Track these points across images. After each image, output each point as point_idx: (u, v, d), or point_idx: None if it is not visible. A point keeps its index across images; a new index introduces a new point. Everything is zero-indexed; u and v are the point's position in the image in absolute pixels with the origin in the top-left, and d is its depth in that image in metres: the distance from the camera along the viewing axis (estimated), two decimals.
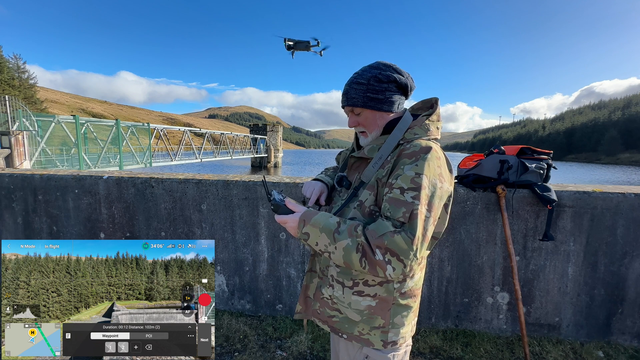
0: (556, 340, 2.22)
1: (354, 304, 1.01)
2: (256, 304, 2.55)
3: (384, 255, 0.85)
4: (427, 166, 0.90)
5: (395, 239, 0.84)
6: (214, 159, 37.24)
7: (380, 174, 0.97)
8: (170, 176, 2.56)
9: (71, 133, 18.51)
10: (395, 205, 0.88)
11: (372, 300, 1.00)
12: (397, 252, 0.84)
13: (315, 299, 1.12)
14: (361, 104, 1.01)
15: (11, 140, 14.80)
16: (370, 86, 1.00)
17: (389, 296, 1.00)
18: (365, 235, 0.89)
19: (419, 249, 0.85)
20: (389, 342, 1.01)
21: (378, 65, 1.02)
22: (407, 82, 1.03)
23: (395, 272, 0.86)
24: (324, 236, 0.93)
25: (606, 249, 2.12)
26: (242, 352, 2.13)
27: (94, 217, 2.64)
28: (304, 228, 0.97)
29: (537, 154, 2.11)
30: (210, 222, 2.48)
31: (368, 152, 1.04)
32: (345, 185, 1.09)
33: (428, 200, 0.88)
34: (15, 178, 2.74)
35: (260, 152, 51.72)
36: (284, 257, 2.45)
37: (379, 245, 0.86)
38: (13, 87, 45.40)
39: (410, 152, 0.94)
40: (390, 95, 1.01)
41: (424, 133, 1.00)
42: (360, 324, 1.02)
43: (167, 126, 29.45)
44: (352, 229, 0.91)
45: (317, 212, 0.99)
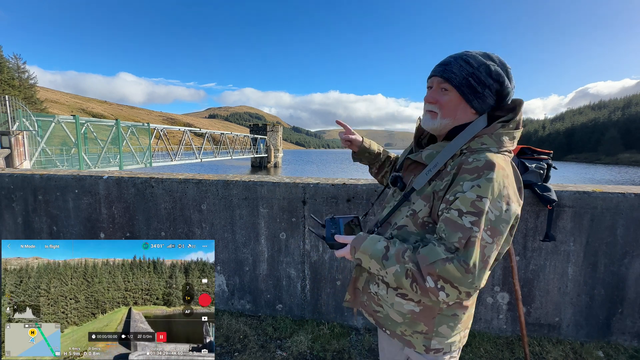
0: (556, 340, 2.22)
1: (397, 305, 0.99)
2: (256, 304, 2.55)
3: (436, 282, 0.81)
4: (490, 188, 0.81)
5: (448, 267, 0.79)
6: (214, 159, 37.25)
7: (437, 186, 0.90)
8: (170, 176, 2.56)
9: (71, 133, 18.51)
10: (452, 229, 0.82)
11: (416, 305, 0.96)
12: (450, 280, 0.80)
13: (364, 292, 1.11)
14: (457, 83, 0.91)
15: (11, 140, 14.80)
16: (477, 72, 0.89)
17: (434, 305, 0.95)
18: (414, 261, 0.85)
19: (475, 276, 0.80)
20: (432, 349, 0.97)
21: (494, 58, 0.92)
22: (509, 93, 0.93)
23: (449, 298, 0.82)
24: (374, 262, 0.91)
25: (606, 249, 2.12)
26: (242, 352, 2.13)
27: (94, 217, 2.64)
28: (355, 254, 0.96)
29: (537, 154, 2.11)
30: (210, 222, 2.48)
31: (425, 157, 0.96)
32: (399, 186, 1.04)
33: (490, 226, 0.81)
34: (15, 178, 2.74)
35: (260, 152, 51.73)
36: (284, 257, 2.45)
37: (431, 272, 0.81)
38: (13, 87, 45.41)
39: (472, 167, 0.84)
40: (488, 94, 0.91)
41: (493, 144, 0.89)
42: (402, 324, 0.99)
43: (167, 126, 29.46)
44: (399, 254, 0.87)
45: (366, 237, 0.96)
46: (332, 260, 2.38)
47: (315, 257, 2.40)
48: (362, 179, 2.44)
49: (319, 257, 2.40)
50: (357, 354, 2.14)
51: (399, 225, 0.98)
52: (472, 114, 0.94)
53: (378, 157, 1.33)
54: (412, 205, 0.96)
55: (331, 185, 2.31)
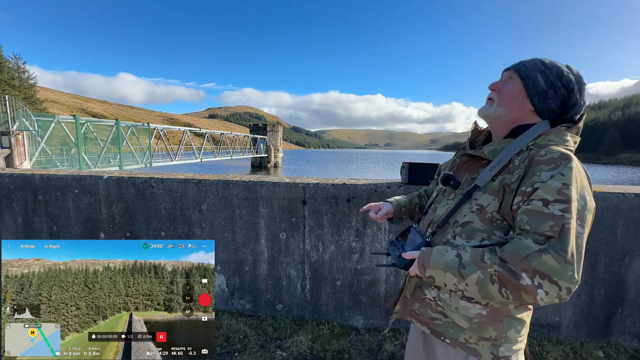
0: (556, 340, 2.22)
1: (462, 309, 0.92)
2: (256, 304, 2.55)
3: (532, 279, 0.74)
4: (573, 176, 0.78)
5: (545, 258, 0.74)
6: (214, 159, 37.25)
7: (508, 180, 0.86)
8: (170, 176, 2.56)
9: (71, 133, 18.51)
10: (538, 219, 0.76)
11: (483, 308, 0.90)
12: (548, 273, 0.73)
13: (414, 299, 1.03)
14: (523, 75, 0.91)
15: (11, 140, 14.80)
16: (547, 72, 0.90)
17: (502, 307, 0.89)
18: (498, 262, 0.79)
19: (575, 268, 0.73)
20: (500, 356, 0.90)
21: (572, 68, 0.91)
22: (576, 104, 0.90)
23: (548, 296, 0.74)
24: (450, 275, 0.85)
25: (606, 249, 2.12)
26: (242, 352, 2.13)
27: (94, 217, 2.64)
28: (426, 272, 0.90)
29: None
30: (210, 222, 2.48)
31: (488, 153, 0.93)
32: (453, 184, 0.99)
33: (579, 215, 0.77)
34: (15, 178, 2.74)
35: (260, 152, 51.74)
36: (284, 257, 2.45)
37: (525, 268, 0.75)
38: (13, 87, 45.43)
39: (548, 158, 0.81)
40: (552, 96, 0.90)
41: (560, 142, 0.87)
42: (467, 331, 0.92)
43: (167, 126, 29.46)
44: (477, 259, 0.82)
45: (432, 251, 0.91)
46: (332, 260, 2.38)
47: (315, 257, 2.40)
48: (362, 179, 2.44)
49: (319, 257, 2.40)
50: (357, 354, 2.14)
51: (463, 222, 0.92)
52: (530, 110, 0.92)
53: (412, 203, 1.29)
54: (475, 201, 0.91)
55: (331, 185, 2.31)
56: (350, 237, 2.33)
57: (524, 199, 0.81)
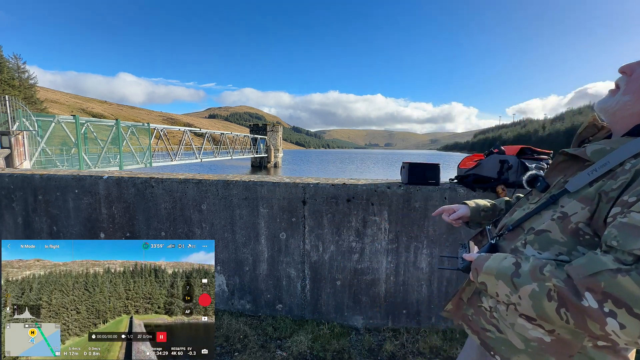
0: None
1: (519, 327, 0.78)
2: (256, 304, 2.55)
3: (601, 303, 0.57)
4: None
5: (620, 280, 0.56)
6: (214, 159, 37.26)
7: (608, 186, 0.68)
8: (170, 176, 2.56)
9: (71, 133, 18.52)
10: (632, 234, 0.59)
11: (547, 334, 0.74)
12: (626, 301, 0.55)
13: (470, 304, 0.93)
14: None
15: (11, 140, 14.81)
16: None
17: (574, 340, 0.71)
18: (560, 276, 0.64)
19: None
20: None
21: None
22: None
23: (624, 332, 0.56)
24: (502, 284, 0.73)
25: None
26: (242, 352, 2.13)
27: (94, 217, 2.64)
28: (478, 278, 0.79)
29: (537, 154, 2.11)
30: (210, 222, 2.48)
31: (592, 153, 0.76)
32: (540, 186, 0.86)
33: None
34: (15, 178, 2.74)
35: (260, 152, 51.75)
36: (284, 257, 2.45)
37: (591, 287, 0.59)
38: (13, 87, 45.43)
39: None
40: None
41: None
42: (522, 354, 0.77)
43: (167, 126, 29.48)
44: (536, 270, 0.68)
45: (490, 256, 0.80)
46: (332, 260, 2.38)
47: (315, 257, 2.40)
48: (362, 179, 2.44)
49: (319, 257, 2.40)
50: (357, 354, 2.14)
51: (539, 230, 0.78)
52: None
53: (495, 208, 1.14)
54: (559, 208, 0.76)
55: (331, 185, 2.31)
56: (350, 237, 2.33)
57: (623, 210, 0.63)
